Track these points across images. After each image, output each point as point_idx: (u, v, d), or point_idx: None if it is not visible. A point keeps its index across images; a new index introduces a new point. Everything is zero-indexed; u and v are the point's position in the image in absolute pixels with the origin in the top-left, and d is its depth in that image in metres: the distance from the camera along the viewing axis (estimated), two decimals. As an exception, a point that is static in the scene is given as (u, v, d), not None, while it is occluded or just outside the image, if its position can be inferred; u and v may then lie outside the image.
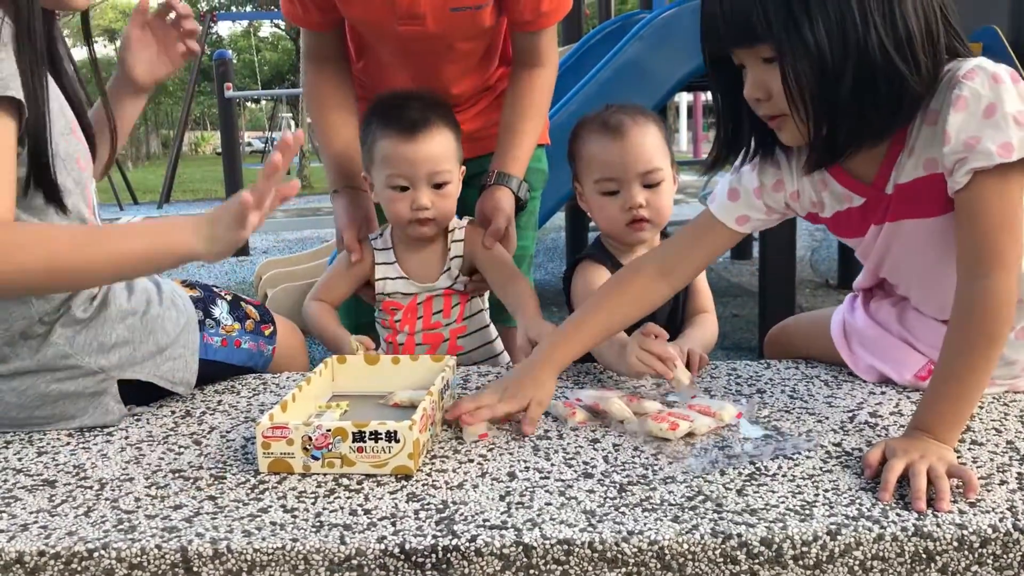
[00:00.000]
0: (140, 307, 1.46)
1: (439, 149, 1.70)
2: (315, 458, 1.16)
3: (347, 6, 1.85)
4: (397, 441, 1.14)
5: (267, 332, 1.69)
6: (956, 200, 1.21)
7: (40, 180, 1.29)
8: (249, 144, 30.49)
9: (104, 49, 32.79)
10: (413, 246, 1.83)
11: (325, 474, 1.15)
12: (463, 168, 1.80)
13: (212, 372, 1.58)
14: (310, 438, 1.15)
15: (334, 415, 1.35)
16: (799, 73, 1.16)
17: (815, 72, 1.15)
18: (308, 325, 1.81)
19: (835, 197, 1.37)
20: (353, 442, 1.15)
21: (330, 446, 1.15)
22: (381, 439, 1.14)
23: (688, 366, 1.53)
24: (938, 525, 0.98)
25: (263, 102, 28.99)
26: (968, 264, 1.18)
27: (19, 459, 1.25)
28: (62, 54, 1.43)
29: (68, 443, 1.31)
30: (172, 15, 1.59)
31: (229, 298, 1.67)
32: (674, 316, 1.78)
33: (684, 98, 16.95)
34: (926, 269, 1.36)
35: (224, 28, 31.77)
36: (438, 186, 1.72)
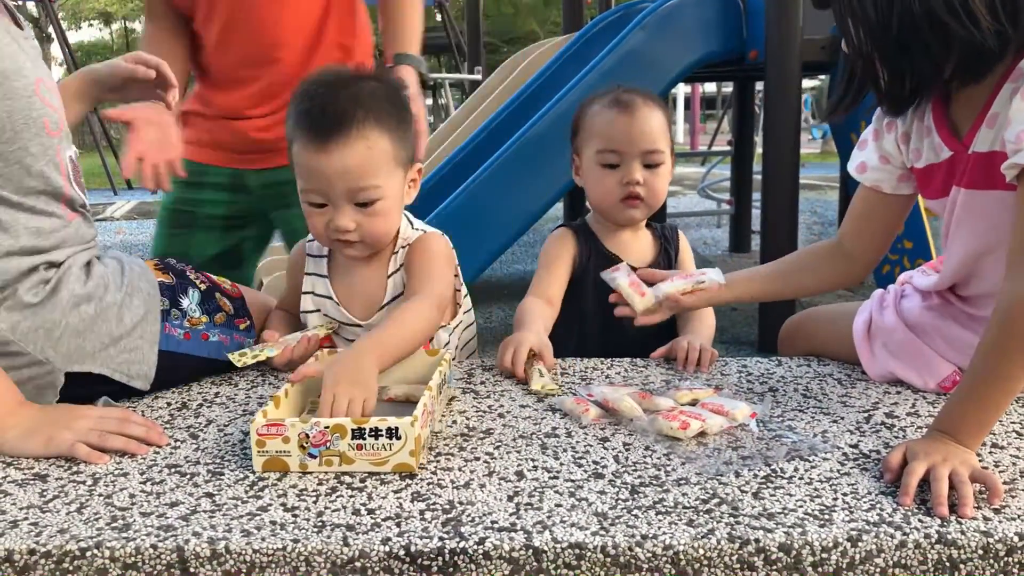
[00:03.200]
0: (97, 292, 1.37)
1: (359, 159, 1.38)
2: (312, 456, 1.11)
3: None
4: (399, 438, 1.10)
5: (242, 327, 1.58)
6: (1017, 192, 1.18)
7: None
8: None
9: (99, 32, 32.53)
10: (353, 262, 1.55)
11: (325, 472, 1.11)
12: (417, 167, 1.51)
13: (180, 365, 1.47)
14: (307, 435, 1.11)
15: None
16: (846, 29, 1.27)
17: (862, 28, 1.24)
18: None
19: (931, 147, 1.37)
20: (352, 439, 1.11)
21: (328, 443, 1.11)
22: (382, 436, 1.10)
23: (699, 362, 1.51)
24: (962, 532, 0.95)
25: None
26: (1012, 263, 1.15)
27: (9, 451, 1.21)
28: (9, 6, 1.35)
29: (60, 435, 1.27)
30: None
31: (203, 287, 1.56)
32: None
33: (682, 90, 16.88)
34: (998, 259, 1.29)
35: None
36: (364, 203, 1.42)
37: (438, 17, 13.14)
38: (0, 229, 1.29)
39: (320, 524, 0.98)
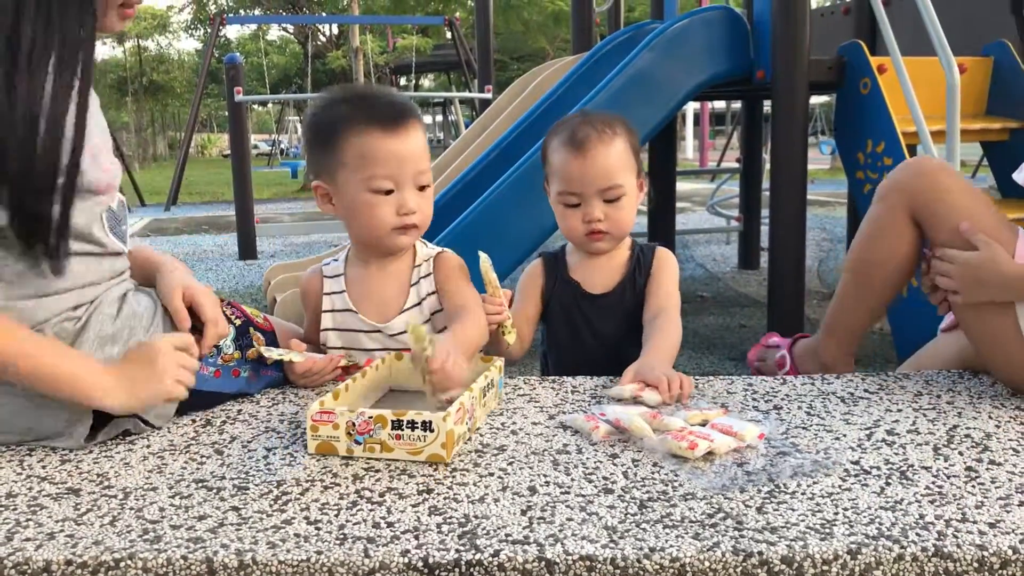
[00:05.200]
0: (122, 334, 1.38)
1: (421, 143, 1.56)
2: (357, 443, 1.25)
3: None
4: (432, 431, 1.22)
5: (270, 361, 1.59)
6: None
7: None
8: (256, 147, 30.61)
9: (112, 51, 32.78)
10: (368, 272, 1.66)
11: (367, 458, 1.24)
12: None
13: (206, 402, 1.49)
14: (354, 424, 1.25)
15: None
16: None
17: None
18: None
19: None
20: (392, 429, 1.23)
21: (372, 432, 1.24)
22: (417, 428, 1.22)
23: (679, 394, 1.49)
24: (958, 546, 0.99)
25: (270, 105, 29.07)
26: None
27: (43, 466, 1.26)
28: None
29: (91, 451, 1.32)
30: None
31: (239, 323, 1.58)
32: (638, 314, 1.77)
33: (691, 107, 16.95)
34: None
35: (232, 31, 31.91)
36: (423, 187, 1.58)
37: (448, 35, 13.23)
38: (39, 275, 1.30)
39: (342, 536, 1.03)
